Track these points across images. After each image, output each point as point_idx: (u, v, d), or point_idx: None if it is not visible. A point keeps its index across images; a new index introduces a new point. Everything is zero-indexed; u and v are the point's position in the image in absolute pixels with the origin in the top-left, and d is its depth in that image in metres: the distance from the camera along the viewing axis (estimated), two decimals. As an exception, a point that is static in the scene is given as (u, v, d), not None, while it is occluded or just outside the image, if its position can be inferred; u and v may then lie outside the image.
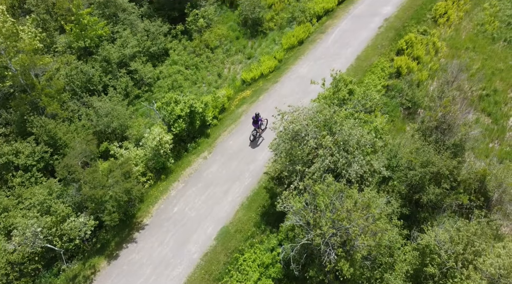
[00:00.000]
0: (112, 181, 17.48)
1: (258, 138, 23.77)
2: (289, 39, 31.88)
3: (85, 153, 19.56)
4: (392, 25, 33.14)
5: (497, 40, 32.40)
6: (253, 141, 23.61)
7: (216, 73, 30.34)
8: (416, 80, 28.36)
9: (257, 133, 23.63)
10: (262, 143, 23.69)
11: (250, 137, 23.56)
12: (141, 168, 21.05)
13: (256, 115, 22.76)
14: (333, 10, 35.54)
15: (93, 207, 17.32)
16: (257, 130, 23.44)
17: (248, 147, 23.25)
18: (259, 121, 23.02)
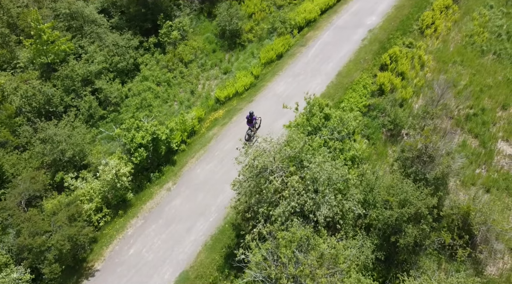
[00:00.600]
0: (54, 226, 15.73)
1: (253, 137, 23.39)
2: (267, 53, 30.14)
3: (28, 191, 17.78)
4: (377, 37, 31.47)
5: (486, 52, 30.82)
6: (248, 140, 23.23)
7: (189, 90, 28.56)
8: (400, 99, 26.72)
9: (252, 132, 23.34)
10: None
11: (245, 137, 23.25)
12: (97, 203, 19.28)
13: (250, 114, 22.54)
14: (316, 21, 33.82)
15: (31, 258, 15.57)
16: (251, 130, 23.15)
17: (215, 178, 21.50)
18: (254, 120, 22.68)
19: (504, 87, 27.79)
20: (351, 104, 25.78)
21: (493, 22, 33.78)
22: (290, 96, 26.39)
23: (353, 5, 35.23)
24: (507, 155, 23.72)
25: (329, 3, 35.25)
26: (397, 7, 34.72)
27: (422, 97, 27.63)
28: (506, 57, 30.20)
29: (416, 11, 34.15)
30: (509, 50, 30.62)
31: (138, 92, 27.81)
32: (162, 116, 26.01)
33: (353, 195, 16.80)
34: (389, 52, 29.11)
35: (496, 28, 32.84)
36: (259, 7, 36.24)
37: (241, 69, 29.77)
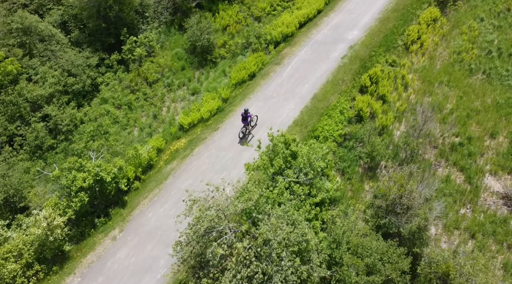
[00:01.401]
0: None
1: (247, 135, 23.18)
2: (239, 73, 27.76)
3: None
4: (358, 54, 29.15)
5: (475, 71, 28.59)
6: (242, 138, 22.91)
7: (152, 114, 26.17)
8: (380, 126, 24.46)
9: (247, 130, 23.03)
10: (252, 140, 22.90)
11: (239, 135, 22.89)
12: (27, 259, 16.90)
13: (245, 111, 22.02)
14: (293, 35, 31.44)
15: None
16: (246, 128, 22.81)
17: (168, 223, 19.14)
18: (249, 118, 22.20)
19: (493, 112, 25.59)
20: (325, 132, 23.50)
21: (483, 37, 31.55)
22: (260, 124, 24.09)
23: (334, 18, 32.89)
24: (495, 192, 21.55)
25: (308, 15, 32.89)
26: (381, 20, 32.41)
27: (405, 123, 25.40)
28: (496, 77, 27.98)
29: (402, 25, 31.85)
30: (500, 69, 28.40)
31: (94, 118, 25.38)
32: (119, 145, 23.63)
33: (314, 259, 14.55)
34: (369, 73, 26.81)
35: (486, 44, 30.59)
36: (234, 19, 33.85)
37: (210, 90, 27.40)
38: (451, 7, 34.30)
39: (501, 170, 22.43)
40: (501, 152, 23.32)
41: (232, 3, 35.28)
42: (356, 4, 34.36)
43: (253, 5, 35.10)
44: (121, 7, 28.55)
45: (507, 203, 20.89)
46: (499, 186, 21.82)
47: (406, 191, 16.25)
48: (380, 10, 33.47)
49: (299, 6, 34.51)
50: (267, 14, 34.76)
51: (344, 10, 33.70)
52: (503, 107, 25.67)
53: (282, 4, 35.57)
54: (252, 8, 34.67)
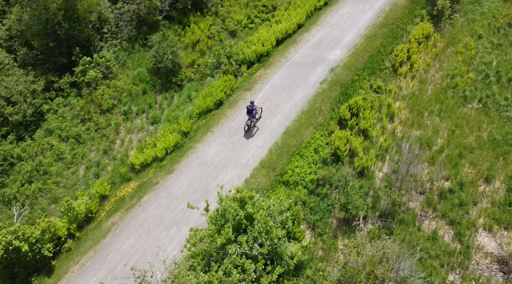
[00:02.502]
0: None
1: (252, 128, 22.84)
2: (204, 101, 24.60)
3: None
4: (339, 78, 25.96)
5: (470, 99, 25.45)
6: (247, 131, 22.64)
7: (103, 149, 23.06)
8: (360, 167, 21.39)
9: (252, 123, 22.49)
10: (257, 133, 22.63)
11: (245, 128, 22.48)
12: None
13: (251, 103, 21.36)
14: (269, 55, 28.21)
15: None
16: (251, 120, 22.19)
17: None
18: (254, 111, 21.52)
19: (489, 149, 22.50)
20: (296, 177, 20.44)
21: (480, 57, 28.36)
22: (220, 166, 21.01)
23: (315, 34, 29.64)
24: (489, 254, 18.54)
25: (287, 31, 29.63)
26: (367, 36, 29.17)
27: (389, 161, 22.31)
28: (493, 106, 24.85)
29: (390, 42, 28.63)
30: (498, 97, 25.26)
31: (35, 153, 22.28)
32: (59, 189, 20.59)
33: None
34: (349, 103, 23.66)
35: (484, 66, 27.40)
36: (206, 33, 30.63)
37: (172, 119, 24.26)
38: (446, 21, 31.06)
39: (496, 224, 19.41)
40: (497, 200, 20.26)
41: (205, 15, 32.04)
42: (341, 18, 31.11)
43: (228, 17, 31.87)
44: (72, 23, 25.27)
45: (503, 268, 17.91)
46: (494, 245, 18.80)
47: (378, 279, 13.25)
48: (367, 25, 30.24)
49: (279, 19, 31.29)
50: (243, 27, 31.54)
51: (327, 25, 30.45)
52: (500, 145, 22.57)
53: (261, 15, 32.33)
54: (227, 21, 31.43)
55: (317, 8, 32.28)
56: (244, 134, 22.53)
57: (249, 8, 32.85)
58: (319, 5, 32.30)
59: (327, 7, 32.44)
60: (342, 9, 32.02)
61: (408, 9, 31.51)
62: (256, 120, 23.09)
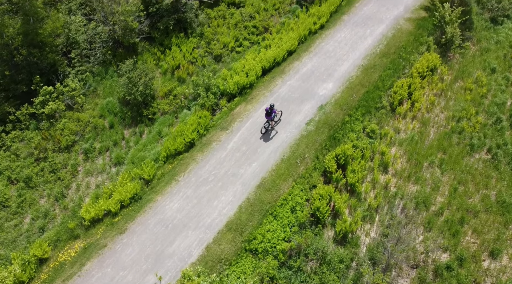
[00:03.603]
0: None
1: (270, 131, 22.12)
2: (173, 143, 21.85)
3: None
4: (328, 118, 22.96)
5: (477, 148, 22.22)
6: (265, 134, 21.98)
7: (55, 196, 20.51)
8: (343, 231, 18.41)
9: (269, 126, 21.86)
10: (275, 137, 21.84)
11: (262, 130, 21.77)
12: None
13: (271, 106, 20.80)
14: (253, 87, 25.31)
15: None
16: (269, 123, 21.60)
17: None
18: (273, 113, 21.07)
19: (497, 214, 19.30)
20: (266, 243, 17.57)
21: (493, 96, 25.07)
22: (180, 227, 18.25)
23: (307, 63, 26.63)
24: None
25: (276, 59, 26.68)
26: (365, 68, 26.05)
27: (378, 224, 19.27)
28: (504, 159, 21.59)
29: (390, 76, 25.48)
30: (510, 147, 21.97)
31: (-24, 200, 19.85)
32: (-4, 246, 18.05)
33: None
34: (336, 152, 20.63)
35: (495, 108, 24.10)
36: (188, 58, 27.90)
37: (136, 161, 21.61)
38: (456, 51, 27.74)
39: (501, 315, 16.28)
40: (504, 282, 17.09)
41: (189, 36, 29.28)
42: (337, 44, 28.02)
43: (214, 39, 29.06)
44: (32, 49, 22.78)
45: None
46: None
47: None
48: (365, 53, 27.10)
49: (269, 43, 28.37)
50: (230, 51, 28.72)
51: (321, 52, 27.40)
52: (510, 209, 19.33)
53: (251, 38, 29.45)
54: (212, 44, 28.62)
55: (312, 32, 29.26)
56: (261, 137, 21.84)
57: (238, 29, 30.02)
58: (315, 28, 29.27)
59: (323, 31, 29.38)
60: (339, 33, 28.94)
61: (414, 36, 28.27)
62: (275, 123, 22.38)
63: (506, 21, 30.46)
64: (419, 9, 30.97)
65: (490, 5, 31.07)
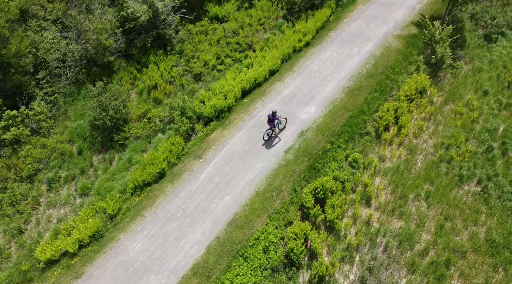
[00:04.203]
0: None
1: (273, 138, 21.75)
2: (142, 173, 20.46)
3: None
4: (308, 145, 21.61)
5: (467, 179, 20.86)
6: (267, 140, 21.64)
7: (11, 232, 19.12)
8: (320, 274, 17.01)
9: (272, 133, 21.51)
10: (278, 144, 21.42)
11: (264, 137, 21.42)
12: None
13: (273, 113, 20.37)
14: (231, 110, 23.99)
15: None
16: (272, 130, 21.22)
17: None
18: (276, 120, 20.61)
19: (486, 255, 17.91)
20: (234, 290, 16.16)
21: (484, 121, 23.74)
22: (142, 270, 16.85)
23: (289, 83, 25.30)
24: None
25: (257, 80, 25.37)
26: (350, 89, 24.72)
27: (359, 264, 17.87)
28: (495, 192, 20.21)
29: (377, 98, 24.16)
30: (501, 179, 20.60)
31: None
32: None
33: None
34: (315, 185, 19.26)
35: (487, 135, 22.75)
36: (166, 77, 26.59)
37: (103, 193, 20.26)
38: (446, 70, 26.43)
39: None
40: (491, 334, 15.70)
41: (168, 54, 28.00)
42: (322, 63, 26.72)
43: (195, 56, 27.79)
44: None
45: None
46: None
47: None
48: (351, 74, 25.79)
49: (251, 62, 27.08)
50: (211, 69, 27.41)
51: (305, 72, 26.09)
52: (500, 250, 17.95)
53: (234, 55, 28.16)
54: (192, 62, 27.32)
55: (297, 50, 27.95)
56: (264, 143, 21.42)
57: (220, 46, 28.74)
58: (299, 46, 27.98)
59: (309, 49, 28.09)
60: (325, 51, 27.63)
61: (403, 55, 26.96)
62: (279, 130, 22.04)
63: (501, 38, 29.19)
64: (410, 25, 29.69)
65: (483, 21, 29.82)
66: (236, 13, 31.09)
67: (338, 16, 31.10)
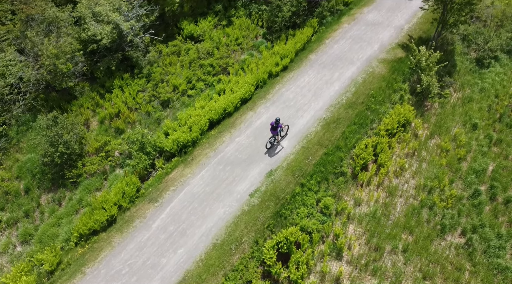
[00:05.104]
0: None
1: (276, 146, 21.24)
2: (89, 219, 18.47)
3: None
4: (276, 188, 19.61)
5: (450, 229, 18.84)
6: (270, 148, 21.15)
7: None
8: None
9: (275, 141, 21.01)
10: (281, 152, 20.87)
11: (267, 145, 20.94)
12: None
13: (277, 120, 19.85)
14: (196, 144, 22.00)
15: None
16: (275, 138, 20.74)
17: None
18: (279, 128, 20.17)
19: (468, 323, 15.87)
20: None
21: (472, 160, 21.85)
22: None
23: (262, 114, 23.33)
24: None
25: (227, 109, 23.39)
26: (327, 122, 22.73)
27: (324, 331, 15.84)
28: (480, 246, 18.21)
29: (355, 132, 22.16)
30: (488, 231, 18.58)
31: None
32: None
33: None
34: (278, 238, 17.25)
35: (474, 176, 20.74)
36: (131, 103, 24.63)
37: (46, 240, 18.32)
38: (433, 100, 24.43)
39: None
40: None
41: (135, 77, 26.04)
42: (299, 90, 24.74)
43: (164, 80, 25.85)
44: None
45: None
46: None
47: None
48: (330, 103, 23.80)
49: (223, 88, 25.12)
50: (181, 94, 25.47)
51: (280, 100, 24.11)
52: (484, 318, 15.90)
53: (207, 78, 26.22)
54: (161, 87, 25.36)
55: (273, 75, 25.96)
56: (266, 152, 20.87)
57: (193, 68, 26.78)
58: (276, 70, 26.01)
59: (286, 73, 26.11)
60: (303, 77, 25.64)
61: (387, 82, 24.95)
62: (282, 138, 21.57)
63: (494, 63, 27.16)
64: (396, 48, 27.68)
65: (476, 44, 27.80)
66: (212, 32, 29.14)
67: (320, 36, 29.10)
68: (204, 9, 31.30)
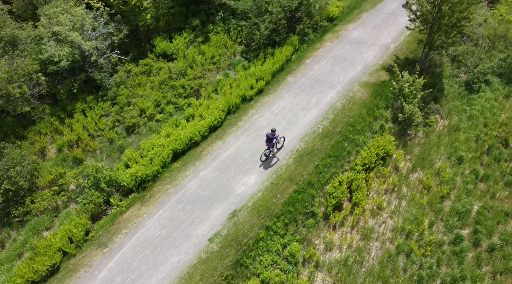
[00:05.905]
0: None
1: (272, 158, 20.50)
2: (28, 268, 16.77)
3: None
4: (238, 231, 17.92)
5: (427, 282, 17.06)
6: (265, 161, 20.34)
7: None
8: None
9: (270, 153, 20.37)
10: (276, 164, 20.11)
11: (261, 158, 20.19)
12: None
13: (272, 131, 19.00)
14: (156, 178, 20.29)
15: None
16: (270, 150, 20.08)
17: None
18: (274, 140, 19.25)
19: None
20: None
21: (456, 199, 20.01)
22: None
23: (231, 144, 21.61)
24: None
25: (193, 138, 21.69)
26: (300, 154, 21.01)
27: None
28: (460, 302, 16.40)
29: (330, 166, 20.42)
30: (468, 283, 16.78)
31: None
32: None
33: None
34: (234, 295, 15.53)
35: (456, 219, 18.99)
36: (93, 129, 22.95)
37: (-18, 289, 16.60)
38: (417, 129, 22.70)
39: None
40: None
41: (100, 100, 24.36)
42: (274, 117, 23.03)
43: (131, 103, 24.20)
44: None
45: None
46: None
47: None
48: (305, 132, 22.09)
49: (193, 113, 23.42)
50: (149, 119, 23.78)
51: (252, 128, 22.41)
52: None
53: (177, 101, 24.56)
54: (126, 110, 23.69)
55: (247, 99, 24.27)
56: (261, 165, 20.17)
57: (162, 90, 25.09)
58: (250, 94, 24.33)
59: (261, 97, 24.42)
60: (279, 102, 23.94)
61: (368, 108, 23.23)
62: (277, 150, 20.92)
63: (484, 87, 25.41)
64: (380, 70, 25.95)
65: (465, 67, 26.05)
66: (187, 50, 27.46)
67: (301, 55, 27.38)
68: (181, 24, 29.65)
